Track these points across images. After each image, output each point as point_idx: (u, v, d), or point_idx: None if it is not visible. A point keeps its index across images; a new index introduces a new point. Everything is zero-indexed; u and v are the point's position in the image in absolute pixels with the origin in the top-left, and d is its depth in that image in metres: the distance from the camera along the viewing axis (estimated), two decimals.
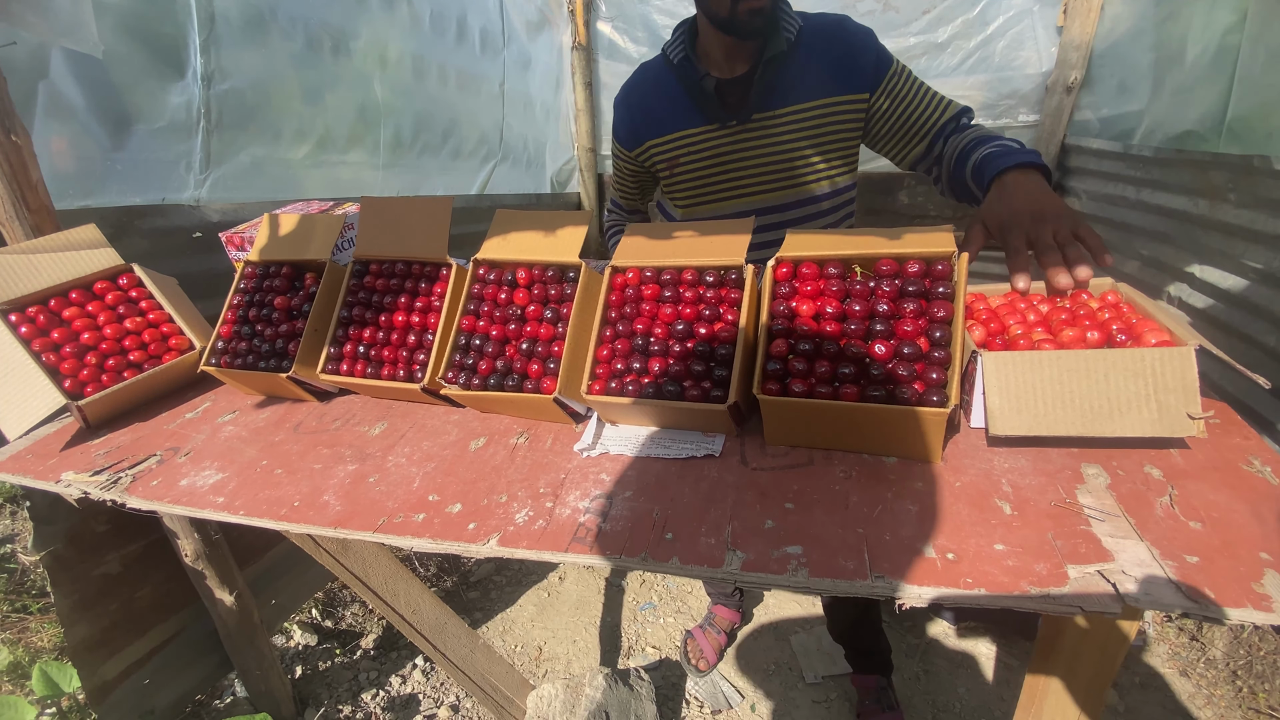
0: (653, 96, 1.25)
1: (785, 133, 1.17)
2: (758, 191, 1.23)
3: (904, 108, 1.15)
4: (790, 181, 1.21)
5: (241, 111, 1.49)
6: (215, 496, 0.81)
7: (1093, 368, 0.64)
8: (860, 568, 0.57)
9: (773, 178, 1.21)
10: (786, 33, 1.11)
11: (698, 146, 1.22)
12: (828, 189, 1.23)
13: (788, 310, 0.74)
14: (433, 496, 0.75)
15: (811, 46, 1.13)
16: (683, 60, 1.17)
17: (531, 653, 1.92)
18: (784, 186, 1.22)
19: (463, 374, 0.87)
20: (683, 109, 1.21)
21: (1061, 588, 0.51)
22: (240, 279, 1.05)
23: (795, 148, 1.17)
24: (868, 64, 1.12)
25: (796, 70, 1.13)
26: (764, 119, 1.16)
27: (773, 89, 1.14)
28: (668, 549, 0.62)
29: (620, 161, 1.39)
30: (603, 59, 3.07)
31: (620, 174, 1.43)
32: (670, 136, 1.24)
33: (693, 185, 1.26)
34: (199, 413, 1.03)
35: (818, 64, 1.13)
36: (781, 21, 1.11)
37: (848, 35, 1.13)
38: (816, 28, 1.14)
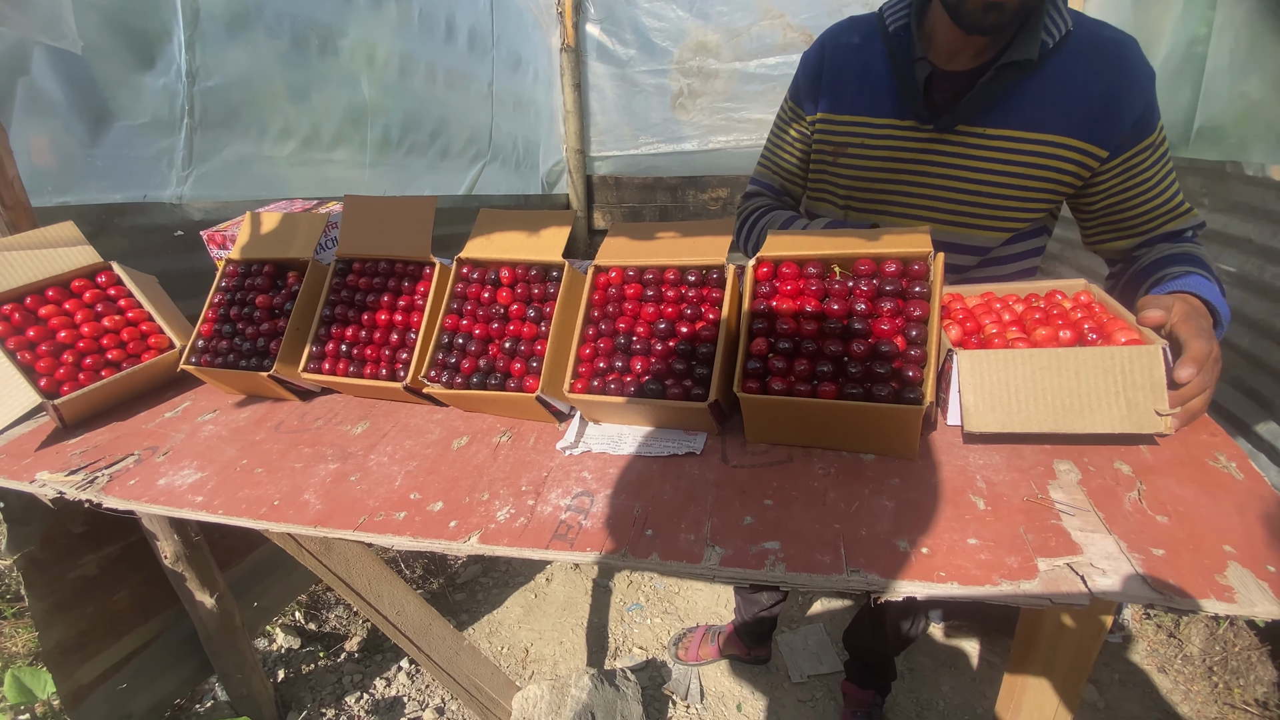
0: (850, 62, 1.02)
1: (985, 159, 0.94)
2: (928, 219, 1.02)
3: (1133, 197, 0.94)
4: (969, 219, 0.99)
5: (226, 108, 1.48)
6: (194, 496, 0.80)
7: (1064, 365, 0.65)
8: (836, 562, 0.57)
9: (951, 208, 0.99)
10: (1047, 36, 0.87)
11: (876, 141, 1.00)
12: (1006, 239, 1.01)
13: (768, 309, 0.75)
14: (414, 495, 0.75)
15: (1072, 66, 0.89)
16: (900, 30, 0.95)
17: (518, 654, 1.91)
18: (959, 223, 1.00)
19: (445, 373, 0.87)
20: (878, 90, 0.99)
21: (1031, 580, 0.52)
22: (222, 277, 1.04)
23: (994, 181, 0.95)
24: (1127, 119, 0.88)
25: (1040, 87, 0.89)
26: (969, 135, 0.94)
27: (996, 101, 0.91)
28: (647, 545, 0.63)
29: (789, 126, 1.13)
30: (591, 60, 3.09)
31: (783, 141, 1.15)
32: (851, 118, 1.02)
33: (854, 185, 1.05)
34: (178, 412, 1.02)
35: (1073, 90, 0.88)
36: (1044, 20, 0.86)
37: (1123, 70, 0.87)
38: (1091, 44, 0.89)
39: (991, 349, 0.69)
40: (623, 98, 3.16)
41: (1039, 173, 0.93)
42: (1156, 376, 0.62)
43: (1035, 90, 0.90)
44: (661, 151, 3.22)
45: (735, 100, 3.09)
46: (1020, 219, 0.99)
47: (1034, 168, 0.93)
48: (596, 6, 3.00)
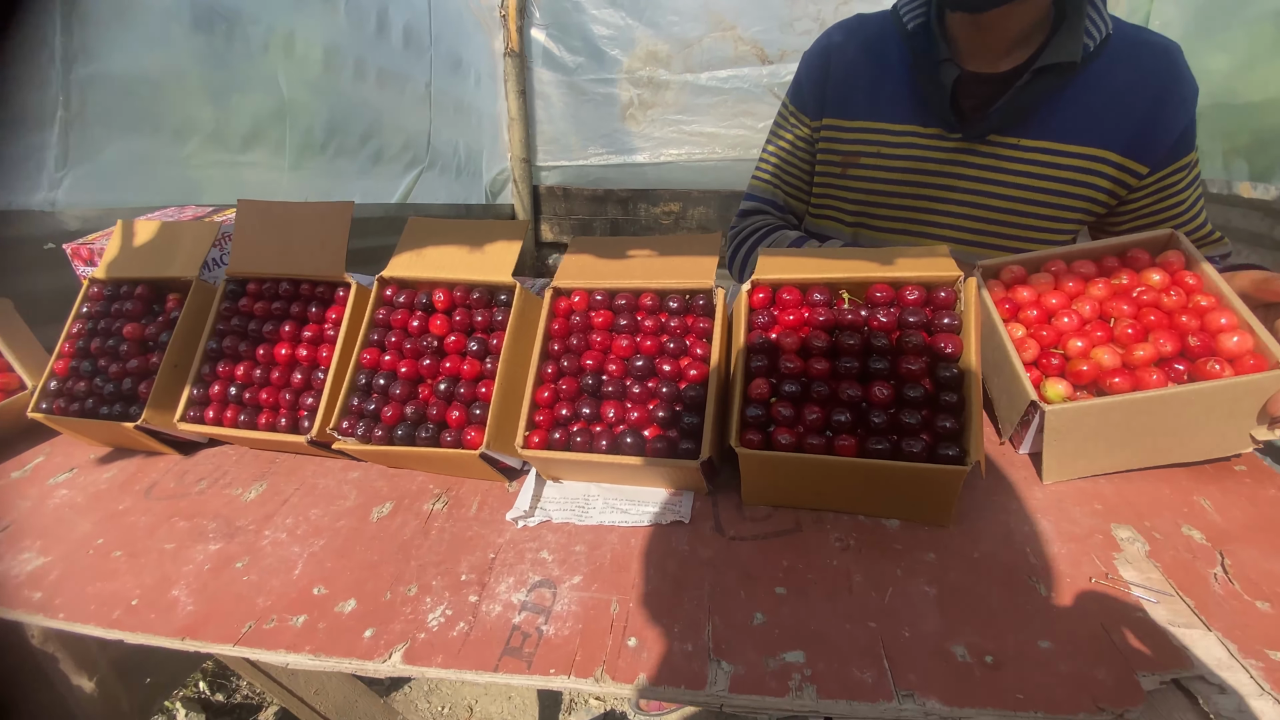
0: (862, 65, 0.91)
1: (1018, 172, 0.85)
2: (953, 238, 0.92)
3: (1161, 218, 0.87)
4: (1000, 238, 0.90)
5: (110, 100, 1.25)
6: (31, 592, 0.61)
7: (1168, 405, 0.55)
8: (881, 681, 0.44)
9: (980, 226, 0.90)
10: (1088, 39, 0.78)
11: (894, 150, 0.90)
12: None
13: (767, 343, 0.61)
14: (319, 589, 0.57)
15: (1115, 72, 0.80)
16: (919, 30, 0.85)
17: (461, 714, 1.71)
18: (987, 243, 0.91)
19: (362, 422, 0.69)
20: (896, 95, 0.89)
21: (1136, 708, 0.40)
22: (83, 301, 0.83)
23: (1028, 198, 0.86)
24: (1170, 133, 0.80)
25: (1082, 96, 0.81)
26: (1002, 146, 0.85)
27: (1034, 109, 0.82)
28: (631, 662, 0.48)
29: (788, 132, 1.02)
30: (537, 67, 2.94)
31: (781, 150, 1.03)
32: (861, 124, 0.92)
33: (866, 199, 0.95)
34: (26, 471, 0.80)
35: (1115, 98, 0.80)
36: (1084, 21, 0.78)
37: (1170, 81, 0.80)
38: (1134, 48, 0.80)
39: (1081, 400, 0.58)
40: (571, 106, 3.03)
41: (1075, 189, 0.84)
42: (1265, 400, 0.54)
43: (1076, 98, 0.81)
44: (611, 163, 3.11)
45: (687, 113, 3.01)
46: (1051, 235, 0.89)
47: (1070, 184, 0.84)
48: (542, 11, 2.87)
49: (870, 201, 0.95)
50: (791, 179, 1.05)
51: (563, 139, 3.10)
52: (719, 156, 3.06)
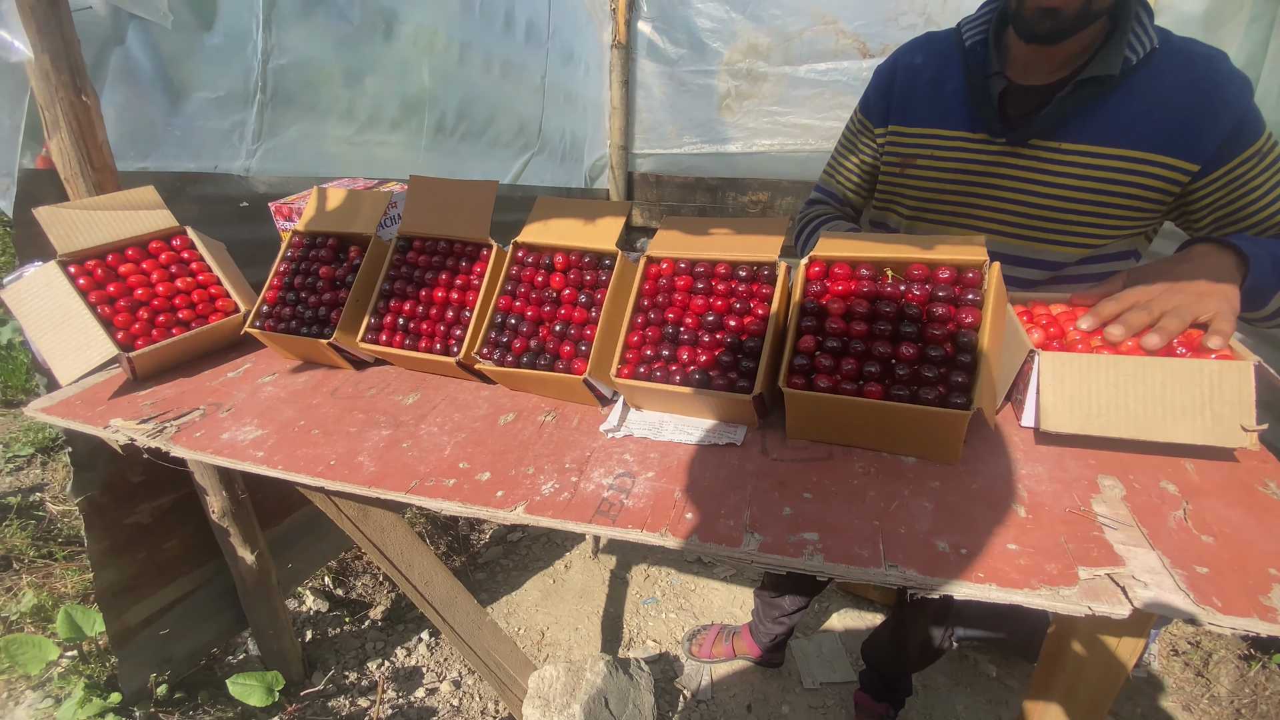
0: (924, 76, 1.03)
1: (1064, 175, 0.92)
2: (1001, 232, 1.01)
3: (1245, 207, 0.89)
4: (1043, 234, 0.98)
5: (295, 87, 1.54)
6: (255, 451, 0.85)
7: (1149, 374, 0.66)
8: (875, 556, 0.59)
9: (1024, 222, 0.98)
10: (1131, 53, 0.86)
11: (947, 153, 1.00)
12: (1086, 255, 0.98)
13: (818, 307, 0.76)
14: (463, 464, 0.78)
15: (1156, 80, 0.87)
16: (977, 45, 0.96)
17: (534, 637, 1.95)
18: (1033, 237, 0.99)
19: (497, 351, 0.90)
20: (951, 103, 0.99)
21: (1071, 588, 0.53)
22: (288, 247, 1.09)
23: (1069, 196, 0.93)
24: (1220, 131, 0.85)
25: (1123, 104, 0.88)
26: (1044, 149, 0.93)
27: (1074, 117, 0.90)
28: (688, 527, 0.65)
29: (856, 138, 1.16)
30: (641, 58, 3.10)
31: (849, 152, 1.17)
32: (922, 130, 1.03)
33: (921, 196, 1.05)
34: (240, 373, 1.07)
35: (1156, 104, 0.87)
36: (1128, 38, 0.86)
37: (1210, 81, 0.85)
38: (1175, 56, 0.87)
39: (1075, 353, 0.70)
40: (669, 96, 3.17)
41: (1120, 189, 0.91)
42: (1245, 392, 0.63)
43: (1117, 106, 0.88)
44: (704, 151, 3.22)
45: (783, 104, 3.08)
46: (1099, 236, 0.96)
47: (1114, 184, 0.91)
48: (650, 5, 3.01)
49: (925, 198, 1.06)
50: (855, 178, 1.19)
51: (660, 127, 3.26)
52: (811, 148, 3.09)
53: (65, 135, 1.06)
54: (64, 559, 1.96)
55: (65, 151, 1.06)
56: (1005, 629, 1.76)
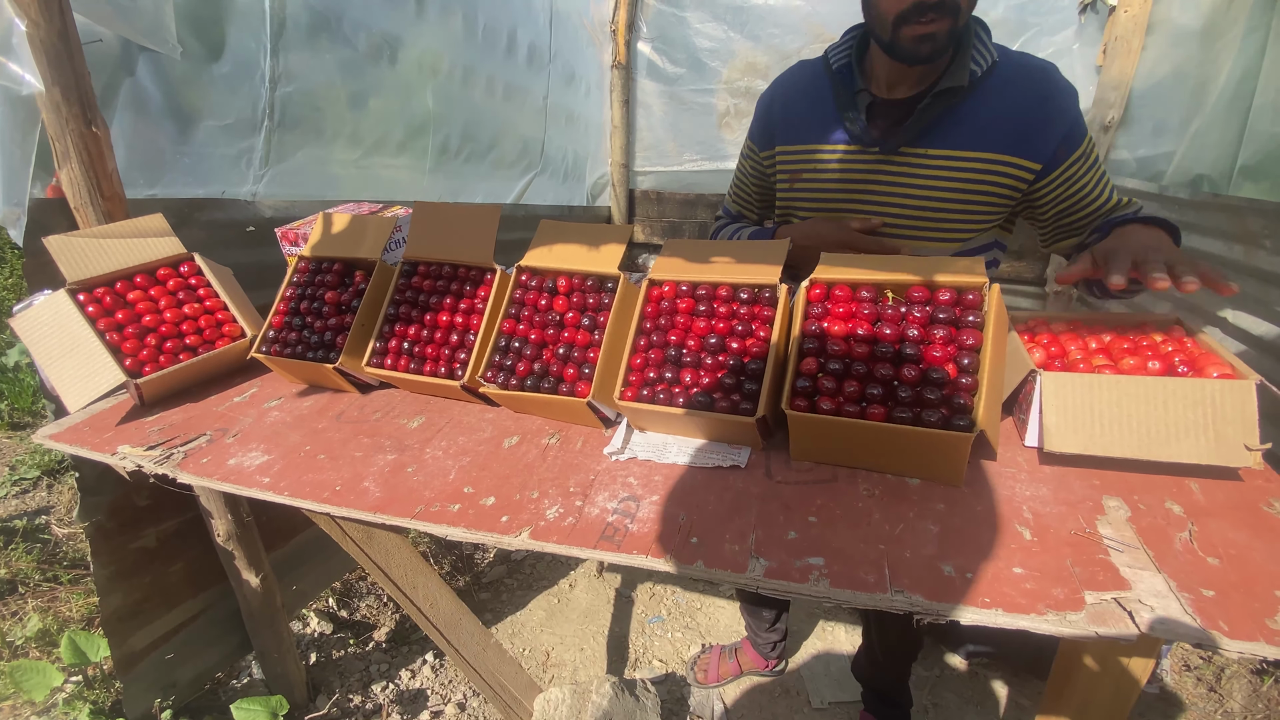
0: (800, 99, 1.13)
1: (931, 177, 1.02)
2: (882, 232, 1.09)
3: (1077, 202, 1.02)
4: (919, 232, 1.07)
5: (302, 112, 1.57)
6: (261, 477, 0.85)
7: (1152, 394, 0.66)
8: (880, 581, 0.59)
9: (901, 223, 1.07)
10: (975, 66, 0.97)
11: (828, 166, 1.10)
12: (958, 249, 1.09)
13: (819, 330, 0.76)
14: (468, 489, 0.79)
15: (1001, 90, 0.98)
16: (843, 68, 1.06)
17: (539, 657, 1.93)
18: (910, 235, 1.08)
19: (501, 374, 0.90)
20: (826, 121, 1.09)
21: (1078, 613, 0.53)
22: (294, 273, 1.10)
23: (938, 197, 1.03)
24: (1055, 134, 0.97)
25: (971, 111, 0.99)
26: (912, 155, 1.02)
27: (935, 125, 1.00)
28: (693, 552, 0.65)
29: (747, 162, 1.27)
30: (641, 78, 3.15)
31: (743, 176, 1.30)
32: (803, 148, 1.12)
33: (810, 208, 1.14)
34: (246, 397, 1.08)
35: (1001, 112, 0.98)
36: (971, 52, 0.97)
37: (1046, 91, 0.97)
38: (1016, 70, 0.99)
39: (1076, 373, 0.70)
40: (670, 115, 3.21)
41: (978, 187, 1.02)
42: (1248, 412, 0.63)
43: (969, 113, 0.99)
44: (704, 168, 3.26)
45: None
46: (966, 230, 1.06)
47: (973, 183, 1.01)
48: (649, 26, 3.06)
49: (814, 208, 1.14)
50: (748, 197, 1.32)
51: (660, 145, 3.29)
52: None
53: (75, 165, 1.07)
54: (69, 583, 1.96)
55: (75, 181, 1.08)
56: (1016, 645, 1.75)
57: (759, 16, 2.92)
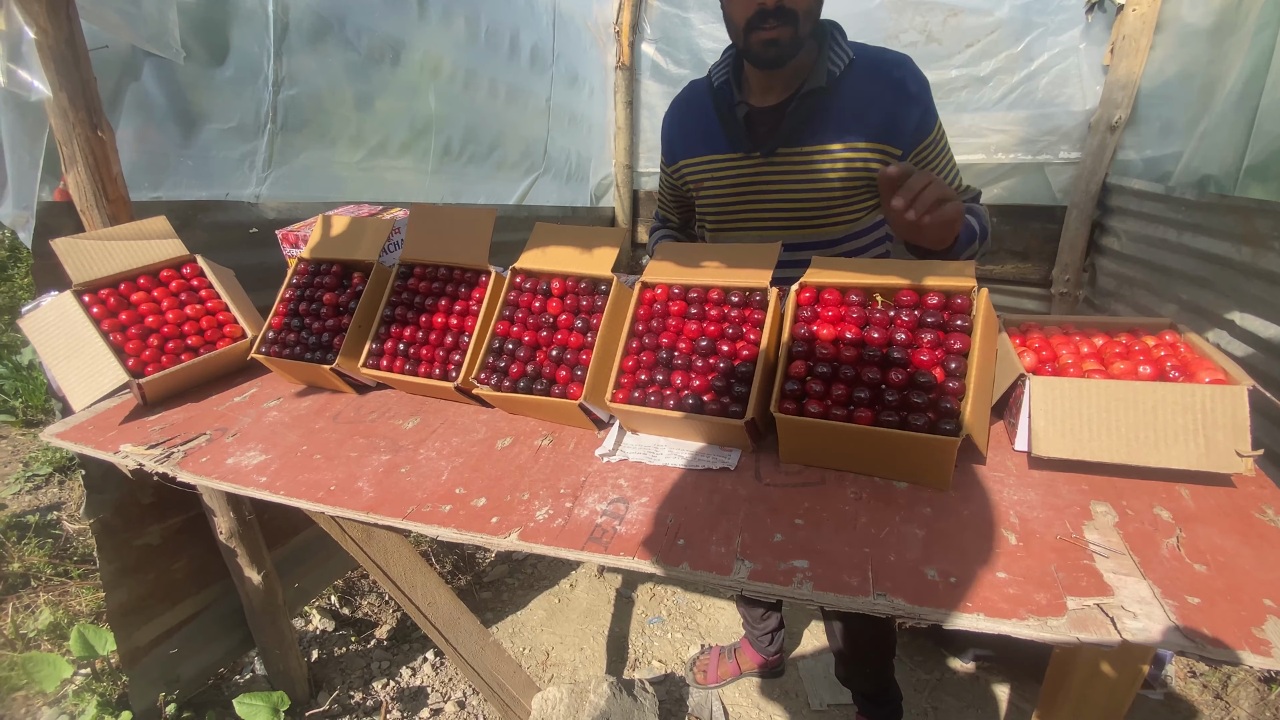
0: (692, 116, 1.23)
1: (808, 172, 1.11)
2: (777, 226, 1.19)
3: None
4: (809, 221, 1.16)
5: (304, 115, 1.58)
6: (259, 476, 0.86)
7: (1141, 399, 0.66)
8: (864, 585, 0.59)
9: (791, 215, 1.16)
10: (832, 66, 1.05)
11: (721, 174, 1.19)
12: (849, 231, 1.17)
13: (808, 333, 0.77)
14: (459, 490, 0.79)
15: (859, 86, 1.06)
16: (723, 85, 1.15)
17: (539, 656, 1.94)
18: (802, 225, 1.16)
19: (494, 376, 0.91)
20: (713, 133, 1.18)
21: (1059, 618, 0.53)
22: (293, 274, 1.12)
23: (817, 188, 1.11)
24: (910, 120, 1.06)
25: (836, 108, 1.07)
26: (789, 155, 1.11)
27: (804, 125, 1.08)
28: (679, 554, 0.65)
29: (663, 175, 1.38)
30: (644, 79, 3.15)
31: (662, 189, 1.42)
32: (700, 159, 1.22)
33: (715, 212, 1.24)
34: (246, 397, 1.09)
35: (861, 105, 1.06)
36: (828, 54, 1.06)
37: (902, 82, 1.06)
38: (872, 66, 1.08)
39: (1066, 377, 0.70)
40: None
41: (851, 175, 1.09)
42: (1239, 417, 0.63)
43: (835, 110, 1.07)
44: None
45: None
46: (852, 212, 1.14)
47: (846, 172, 1.09)
48: (653, 27, 3.07)
49: (717, 211, 1.23)
50: (669, 205, 1.43)
51: None
52: None
53: (82, 169, 1.09)
54: (79, 577, 1.99)
55: (81, 185, 1.10)
56: (1017, 649, 1.74)
57: None
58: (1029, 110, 2.43)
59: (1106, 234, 2.29)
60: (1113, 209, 2.25)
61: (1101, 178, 2.27)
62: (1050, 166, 2.46)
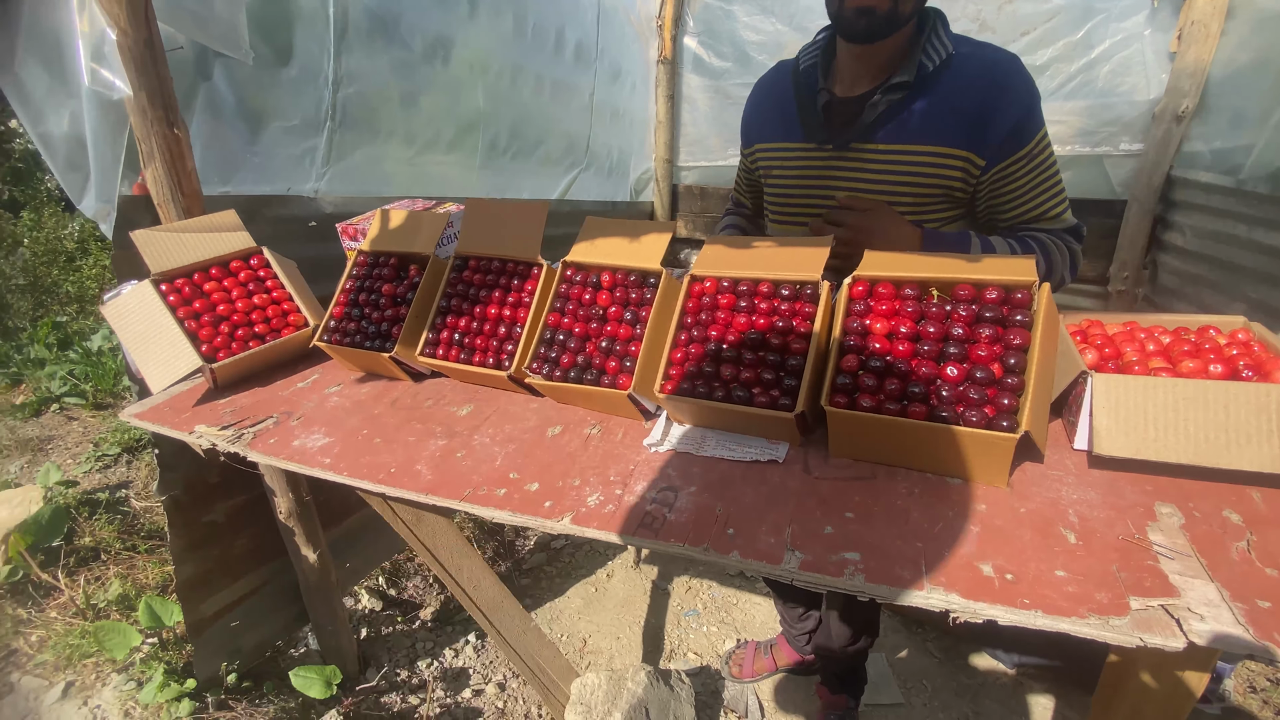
0: (771, 99, 1.19)
1: (879, 171, 1.05)
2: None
3: (1002, 200, 1.04)
4: None
5: (361, 113, 1.64)
6: (323, 457, 0.91)
7: (1211, 398, 0.64)
8: (916, 579, 0.59)
9: None
10: (926, 60, 0.98)
11: (791, 163, 1.15)
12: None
13: (861, 327, 0.76)
14: (513, 474, 0.82)
15: (952, 84, 0.98)
16: (809, 69, 1.11)
17: (576, 644, 1.98)
18: None
19: (545, 365, 0.93)
20: (789, 120, 1.13)
21: (1122, 618, 0.52)
22: (353, 266, 1.16)
23: (886, 190, 1.05)
24: (1002, 129, 0.96)
25: (921, 106, 0.99)
26: (862, 150, 1.05)
27: (884, 120, 1.02)
28: (729, 543, 0.66)
29: (741, 158, 1.35)
30: (686, 72, 3.14)
31: (739, 171, 1.39)
32: (772, 145, 1.18)
33: (780, 201, 1.21)
34: (309, 383, 1.14)
35: (950, 105, 0.98)
36: (924, 45, 0.99)
37: (1001, 85, 0.96)
38: (972, 63, 0.99)
39: (1131, 375, 0.68)
40: (714, 109, 3.19)
41: (928, 179, 1.03)
42: None
43: (919, 108, 1.00)
44: None
45: None
46: (923, 221, 1.07)
47: (923, 175, 1.02)
48: (696, 20, 3.05)
49: (783, 202, 1.20)
50: (745, 189, 1.40)
51: (704, 140, 3.28)
52: None
53: (159, 165, 1.16)
54: (145, 552, 2.11)
55: (159, 179, 1.17)
56: (1063, 657, 1.69)
57: (807, 8, 2.87)
58: (1088, 100, 2.34)
59: (1169, 229, 2.20)
60: (1177, 203, 2.15)
61: (1165, 170, 2.17)
62: (1110, 158, 2.36)
